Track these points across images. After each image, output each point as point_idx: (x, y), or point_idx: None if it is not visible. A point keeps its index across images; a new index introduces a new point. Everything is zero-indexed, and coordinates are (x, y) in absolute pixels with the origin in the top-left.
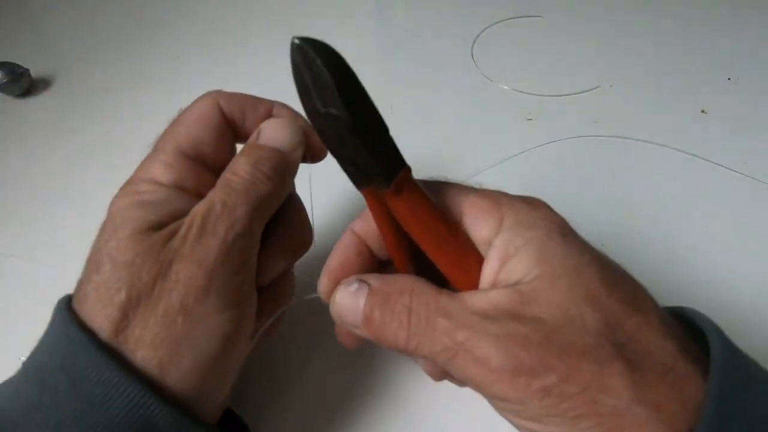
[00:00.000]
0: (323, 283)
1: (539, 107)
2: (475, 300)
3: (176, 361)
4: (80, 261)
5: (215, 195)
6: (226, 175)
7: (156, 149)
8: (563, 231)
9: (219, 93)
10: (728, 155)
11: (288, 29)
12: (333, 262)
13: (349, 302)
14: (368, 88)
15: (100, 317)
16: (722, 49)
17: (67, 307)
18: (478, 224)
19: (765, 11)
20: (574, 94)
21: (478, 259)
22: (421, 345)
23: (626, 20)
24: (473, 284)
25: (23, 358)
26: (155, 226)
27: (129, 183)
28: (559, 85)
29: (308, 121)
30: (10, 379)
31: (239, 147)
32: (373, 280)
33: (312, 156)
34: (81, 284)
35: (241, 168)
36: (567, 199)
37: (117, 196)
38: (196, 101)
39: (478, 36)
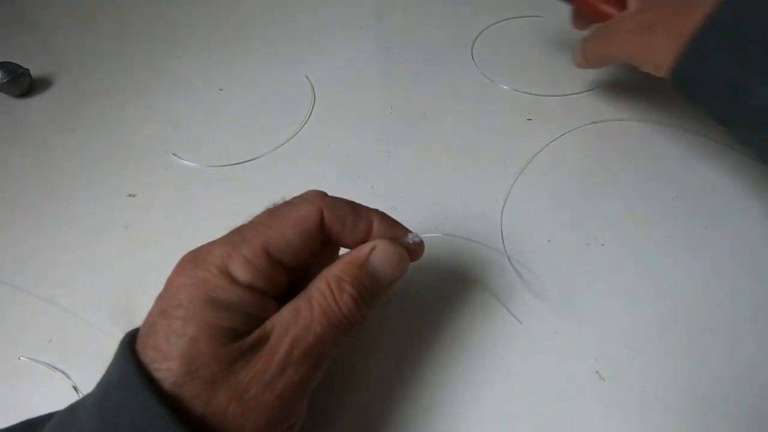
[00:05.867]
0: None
1: (539, 107)
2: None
3: None
4: (78, 261)
5: (313, 324)
6: (328, 301)
7: (243, 236)
8: None
9: (324, 200)
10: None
11: (288, 28)
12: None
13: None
14: (368, 87)
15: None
16: None
17: (142, 379)
18: None
19: None
20: (574, 94)
21: None
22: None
23: None
24: None
25: (23, 358)
26: (230, 334)
27: (199, 258)
28: (559, 85)
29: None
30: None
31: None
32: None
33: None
34: (154, 367)
35: (344, 302)
36: (569, 200)
37: (183, 273)
38: (302, 203)
39: (478, 36)
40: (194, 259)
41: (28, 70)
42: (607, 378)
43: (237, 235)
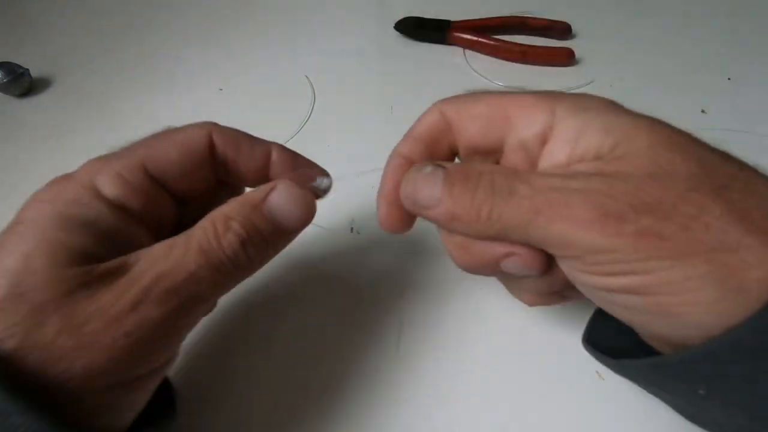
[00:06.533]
0: (382, 208)
1: None
2: (556, 171)
3: None
4: None
5: (187, 262)
6: (209, 238)
7: (115, 153)
8: (617, 105)
9: (214, 125)
10: None
11: (288, 28)
12: (386, 187)
13: (423, 182)
14: (368, 88)
15: None
16: (722, 49)
17: None
18: (528, 120)
19: (765, 11)
20: (573, 89)
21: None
22: (504, 214)
23: (625, 19)
24: None
25: None
26: (79, 257)
27: (64, 177)
28: (558, 79)
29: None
30: None
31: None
32: (448, 164)
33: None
34: None
35: (229, 241)
36: None
37: (41, 191)
38: (187, 126)
39: None
40: (59, 178)
41: (28, 70)
42: (607, 378)
43: (110, 153)
